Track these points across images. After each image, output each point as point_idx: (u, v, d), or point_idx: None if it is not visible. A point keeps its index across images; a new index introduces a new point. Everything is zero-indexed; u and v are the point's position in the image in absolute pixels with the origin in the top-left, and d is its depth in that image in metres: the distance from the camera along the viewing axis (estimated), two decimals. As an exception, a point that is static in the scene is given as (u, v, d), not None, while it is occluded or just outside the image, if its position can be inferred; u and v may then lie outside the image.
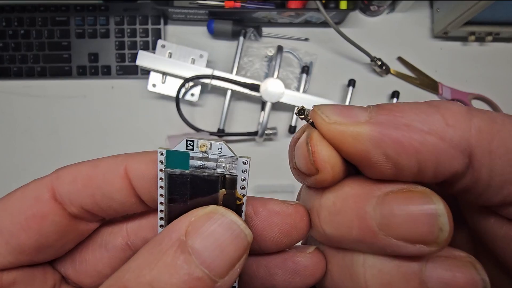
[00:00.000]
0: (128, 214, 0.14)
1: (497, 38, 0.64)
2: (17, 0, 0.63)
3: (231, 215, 0.11)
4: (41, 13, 0.63)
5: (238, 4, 0.62)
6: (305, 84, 0.62)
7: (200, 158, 0.12)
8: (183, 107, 0.59)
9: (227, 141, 0.65)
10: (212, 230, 0.11)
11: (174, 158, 0.11)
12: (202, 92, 0.61)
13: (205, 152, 0.12)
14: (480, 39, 0.64)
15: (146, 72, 0.61)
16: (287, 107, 0.61)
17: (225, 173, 0.12)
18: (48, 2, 0.63)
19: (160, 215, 0.12)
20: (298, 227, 0.13)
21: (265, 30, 0.65)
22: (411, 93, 0.65)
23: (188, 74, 0.58)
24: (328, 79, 0.65)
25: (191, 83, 0.60)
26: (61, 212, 0.13)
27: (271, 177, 0.63)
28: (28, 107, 0.64)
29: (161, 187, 0.12)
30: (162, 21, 0.64)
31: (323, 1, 0.61)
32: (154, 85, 0.60)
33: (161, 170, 0.12)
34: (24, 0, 0.63)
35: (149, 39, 0.63)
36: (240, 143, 0.64)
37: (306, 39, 0.65)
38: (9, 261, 0.12)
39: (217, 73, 0.58)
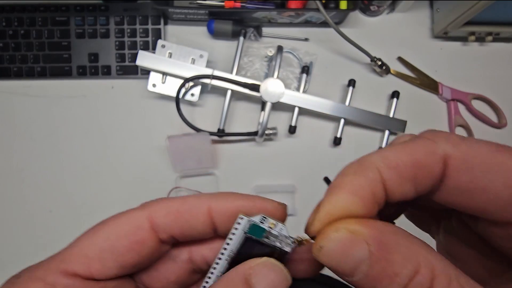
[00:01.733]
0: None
1: (497, 38, 0.64)
2: (17, 0, 0.63)
3: (280, 264, 0.15)
4: (41, 13, 0.63)
5: (238, 4, 0.62)
6: (305, 84, 0.62)
7: (267, 231, 0.16)
8: (183, 107, 0.59)
9: (227, 141, 0.66)
10: (267, 273, 0.15)
11: (253, 228, 0.16)
12: (202, 92, 0.61)
13: (272, 228, 0.16)
14: (480, 39, 0.64)
15: (146, 72, 0.61)
16: (287, 107, 0.61)
17: (280, 247, 0.16)
18: (48, 2, 0.63)
19: (223, 255, 0.16)
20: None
21: (265, 30, 0.65)
22: (411, 93, 0.65)
23: (188, 74, 0.58)
24: (328, 79, 0.65)
25: (191, 83, 0.60)
26: (155, 238, 0.16)
27: (271, 177, 0.63)
28: (28, 107, 0.64)
29: (230, 238, 0.16)
30: (162, 21, 0.64)
31: (323, 1, 0.61)
32: (154, 85, 0.60)
33: (244, 232, 0.16)
34: (24, 0, 0.63)
35: (149, 39, 0.63)
36: (240, 143, 0.64)
37: (306, 39, 0.65)
38: (115, 273, 0.15)
39: (217, 73, 0.58)
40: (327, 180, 0.63)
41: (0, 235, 0.62)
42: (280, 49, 0.60)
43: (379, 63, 0.62)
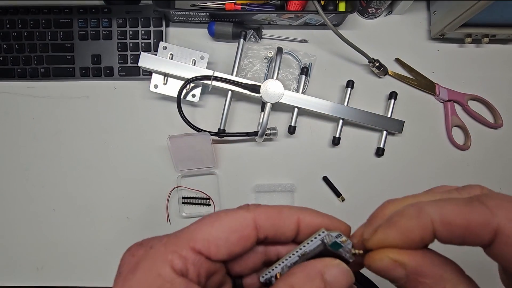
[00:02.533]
0: None
1: (493, 40, 0.65)
2: (21, 0, 0.64)
3: (349, 269, 0.19)
4: (45, 15, 0.64)
5: (238, 7, 0.63)
6: (304, 85, 0.63)
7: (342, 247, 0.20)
8: (184, 108, 0.60)
9: (228, 141, 0.66)
10: (338, 273, 0.18)
11: (334, 243, 0.20)
12: (203, 93, 0.62)
13: (343, 243, 0.20)
14: (477, 40, 0.65)
15: (148, 73, 0.62)
16: (287, 108, 0.62)
17: (346, 258, 0.20)
18: (52, 4, 0.64)
19: (297, 252, 0.20)
20: None
21: (265, 32, 0.66)
22: (408, 94, 0.66)
23: (189, 75, 0.59)
24: (327, 80, 0.66)
25: (192, 84, 0.61)
26: (256, 236, 0.20)
27: (271, 177, 0.64)
28: (32, 108, 0.65)
29: (308, 243, 0.20)
30: (163, 23, 0.64)
31: (322, 3, 0.62)
32: (156, 86, 0.61)
33: (324, 242, 0.20)
34: (28, 0, 0.64)
35: (151, 41, 0.64)
36: (240, 143, 0.65)
37: (305, 41, 0.66)
38: (224, 257, 0.19)
39: (217, 74, 0.59)
40: (326, 179, 0.64)
41: (4, 233, 0.63)
42: (279, 50, 0.61)
43: (377, 64, 0.63)
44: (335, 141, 0.63)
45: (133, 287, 0.17)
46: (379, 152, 0.63)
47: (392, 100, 0.63)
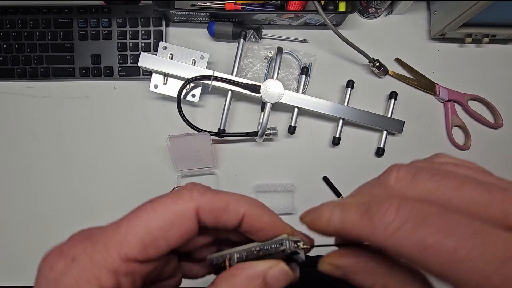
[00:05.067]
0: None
1: (494, 40, 0.65)
2: (21, 0, 0.64)
3: (289, 270, 0.20)
4: (44, 15, 0.64)
5: (238, 7, 0.63)
6: (304, 85, 0.63)
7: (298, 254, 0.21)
8: (184, 108, 0.60)
9: (228, 141, 0.66)
10: (279, 274, 0.19)
11: (294, 252, 0.20)
12: (203, 93, 0.62)
13: (298, 248, 0.21)
14: (477, 40, 0.65)
15: (148, 73, 0.62)
16: (287, 108, 0.62)
17: (298, 259, 0.21)
18: (51, 3, 0.64)
19: (253, 251, 0.20)
20: None
21: (265, 32, 0.66)
22: (408, 94, 0.66)
23: (189, 75, 0.59)
24: (327, 80, 0.66)
25: (192, 84, 0.60)
26: (197, 226, 0.19)
27: (271, 176, 0.64)
28: (31, 108, 0.65)
29: (266, 247, 0.20)
30: (163, 23, 0.64)
31: (322, 3, 0.62)
32: (155, 86, 0.61)
33: (284, 251, 0.20)
34: (28, 0, 0.64)
35: (151, 40, 0.64)
36: (240, 143, 0.65)
37: (305, 41, 0.66)
38: (165, 253, 0.18)
39: (217, 74, 0.59)
40: (326, 179, 0.64)
41: (4, 233, 0.63)
42: (279, 50, 0.61)
43: (377, 64, 0.62)
44: (335, 141, 0.62)
45: (169, 225, 0.17)
46: (379, 152, 0.63)
47: (392, 100, 0.63)
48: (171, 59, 0.60)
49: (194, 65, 0.60)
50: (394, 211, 0.14)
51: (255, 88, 0.59)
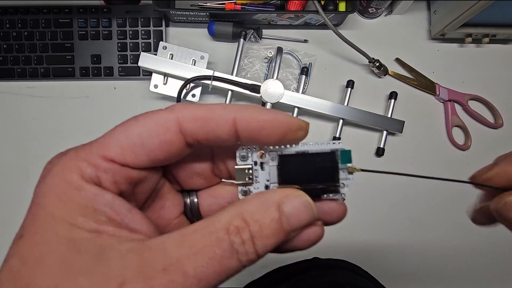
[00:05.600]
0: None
1: (494, 40, 0.65)
2: (21, 0, 0.64)
3: (312, 203, 0.17)
4: (44, 15, 0.64)
5: (238, 7, 0.63)
6: (304, 85, 0.63)
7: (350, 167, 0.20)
8: (184, 108, 0.60)
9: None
10: (299, 206, 0.17)
11: (345, 154, 0.19)
12: (203, 93, 0.62)
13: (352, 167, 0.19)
14: (477, 40, 0.65)
15: (148, 73, 0.62)
16: (287, 108, 0.62)
17: (340, 188, 0.20)
18: (51, 3, 0.64)
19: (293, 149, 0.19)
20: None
21: (265, 32, 0.66)
22: (408, 94, 0.66)
23: (189, 75, 0.59)
24: (327, 80, 0.66)
25: (192, 84, 0.60)
26: (182, 140, 0.18)
27: (271, 176, 0.64)
28: (31, 108, 0.65)
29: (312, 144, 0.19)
30: (163, 23, 0.64)
31: (322, 3, 0.62)
32: (156, 86, 0.61)
33: (333, 152, 0.19)
34: (28, 0, 0.64)
35: (151, 40, 0.64)
36: (240, 143, 0.65)
37: (305, 41, 0.66)
38: (146, 164, 0.17)
39: (217, 74, 0.59)
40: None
41: (4, 233, 0.63)
42: (279, 50, 0.61)
43: (377, 64, 0.62)
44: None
45: (42, 191, 0.17)
46: (379, 152, 0.63)
47: (392, 100, 0.63)
48: (171, 59, 0.60)
49: (194, 65, 0.60)
50: None
51: (255, 88, 0.59)
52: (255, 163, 0.19)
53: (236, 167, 0.19)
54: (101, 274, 0.14)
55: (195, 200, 0.21)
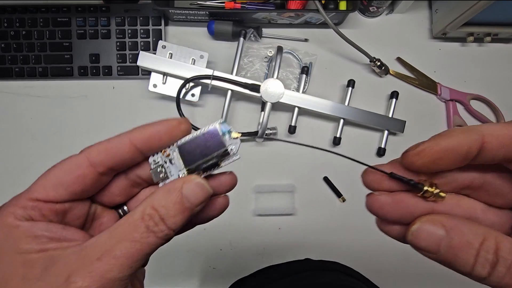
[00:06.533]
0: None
1: (496, 39, 0.65)
2: (19, 0, 0.63)
3: (203, 180, 0.21)
4: (43, 14, 0.63)
5: (238, 5, 0.62)
6: (304, 85, 0.63)
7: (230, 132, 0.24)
8: (183, 107, 0.60)
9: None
10: (192, 186, 0.21)
11: (224, 125, 0.23)
12: (202, 92, 0.61)
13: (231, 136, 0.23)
14: (479, 39, 0.65)
15: (147, 72, 0.62)
16: (287, 107, 0.62)
17: (230, 149, 0.23)
18: (50, 3, 0.64)
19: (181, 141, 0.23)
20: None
21: (265, 31, 0.65)
22: (410, 93, 0.65)
23: (189, 75, 0.59)
24: (327, 79, 0.65)
25: (191, 84, 0.60)
26: (95, 172, 0.21)
27: (271, 176, 0.64)
28: (30, 107, 0.64)
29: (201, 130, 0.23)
30: (163, 22, 0.64)
31: (323, 2, 0.62)
32: (155, 86, 0.60)
33: (215, 130, 0.23)
34: (26, 0, 0.64)
35: (150, 39, 0.64)
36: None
37: (306, 40, 0.66)
38: (67, 198, 0.21)
39: (217, 73, 0.59)
40: (326, 180, 0.63)
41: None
42: (280, 49, 0.61)
43: (378, 63, 0.62)
44: (336, 141, 0.62)
45: (63, 171, 0.21)
46: (380, 152, 0.63)
47: (394, 100, 0.63)
48: (171, 58, 0.59)
49: (194, 64, 0.59)
50: None
51: (255, 88, 0.59)
52: (165, 161, 0.23)
53: (150, 171, 0.23)
54: (52, 275, 0.19)
55: (126, 209, 0.25)
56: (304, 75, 0.62)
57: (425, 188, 0.20)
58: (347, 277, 0.50)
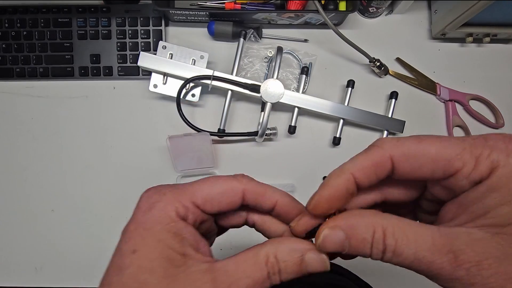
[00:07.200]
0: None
1: (495, 39, 0.65)
2: (20, 0, 0.64)
3: (325, 256, 0.23)
4: (43, 14, 0.63)
5: (238, 6, 0.63)
6: (304, 85, 0.63)
7: None
8: (184, 108, 0.60)
9: (227, 141, 0.66)
10: (315, 257, 0.23)
11: None
12: (202, 92, 0.62)
13: None
14: (478, 40, 0.65)
15: (147, 73, 0.62)
16: (287, 108, 0.62)
17: None
18: (50, 3, 0.64)
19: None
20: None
21: (265, 31, 0.65)
22: (409, 94, 0.66)
23: (189, 75, 0.59)
24: (327, 80, 0.65)
25: (191, 84, 0.60)
26: (240, 202, 0.25)
27: (271, 176, 0.64)
28: (30, 108, 0.64)
29: None
30: (163, 22, 0.64)
31: (323, 3, 0.62)
32: (155, 86, 0.61)
33: None
34: (27, 1, 0.64)
35: (150, 40, 0.64)
36: (240, 143, 0.64)
37: (305, 40, 0.66)
38: (214, 212, 0.24)
39: (217, 74, 0.59)
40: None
41: (3, 234, 0.62)
42: (280, 50, 0.61)
43: (378, 64, 0.62)
44: (336, 141, 0.62)
45: (150, 219, 0.22)
46: (380, 152, 0.63)
47: (393, 100, 0.63)
48: (171, 58, 0.59)
49: (194, 64, 0.60)
50: None
51: (255, 88, 0.59)
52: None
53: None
54: (188, 284, 0.21)
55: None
56: (304, 76, 0.62)
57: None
58: (335, 274, 0.50)
